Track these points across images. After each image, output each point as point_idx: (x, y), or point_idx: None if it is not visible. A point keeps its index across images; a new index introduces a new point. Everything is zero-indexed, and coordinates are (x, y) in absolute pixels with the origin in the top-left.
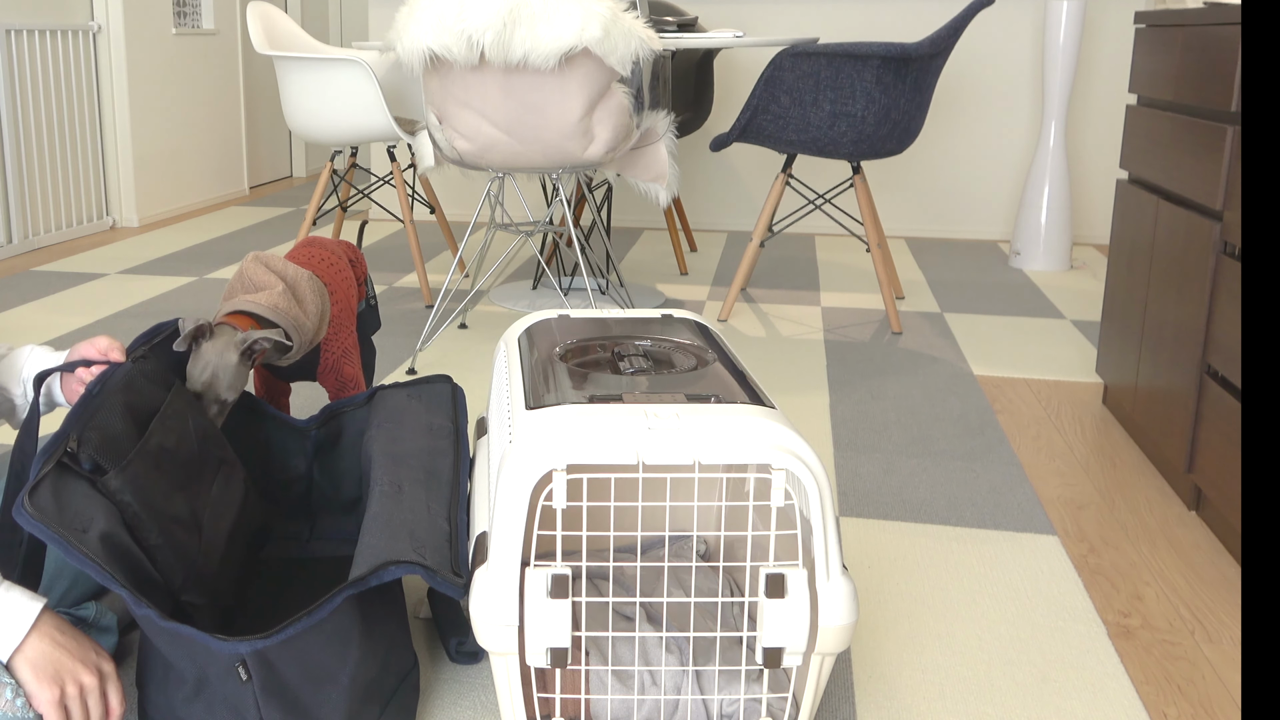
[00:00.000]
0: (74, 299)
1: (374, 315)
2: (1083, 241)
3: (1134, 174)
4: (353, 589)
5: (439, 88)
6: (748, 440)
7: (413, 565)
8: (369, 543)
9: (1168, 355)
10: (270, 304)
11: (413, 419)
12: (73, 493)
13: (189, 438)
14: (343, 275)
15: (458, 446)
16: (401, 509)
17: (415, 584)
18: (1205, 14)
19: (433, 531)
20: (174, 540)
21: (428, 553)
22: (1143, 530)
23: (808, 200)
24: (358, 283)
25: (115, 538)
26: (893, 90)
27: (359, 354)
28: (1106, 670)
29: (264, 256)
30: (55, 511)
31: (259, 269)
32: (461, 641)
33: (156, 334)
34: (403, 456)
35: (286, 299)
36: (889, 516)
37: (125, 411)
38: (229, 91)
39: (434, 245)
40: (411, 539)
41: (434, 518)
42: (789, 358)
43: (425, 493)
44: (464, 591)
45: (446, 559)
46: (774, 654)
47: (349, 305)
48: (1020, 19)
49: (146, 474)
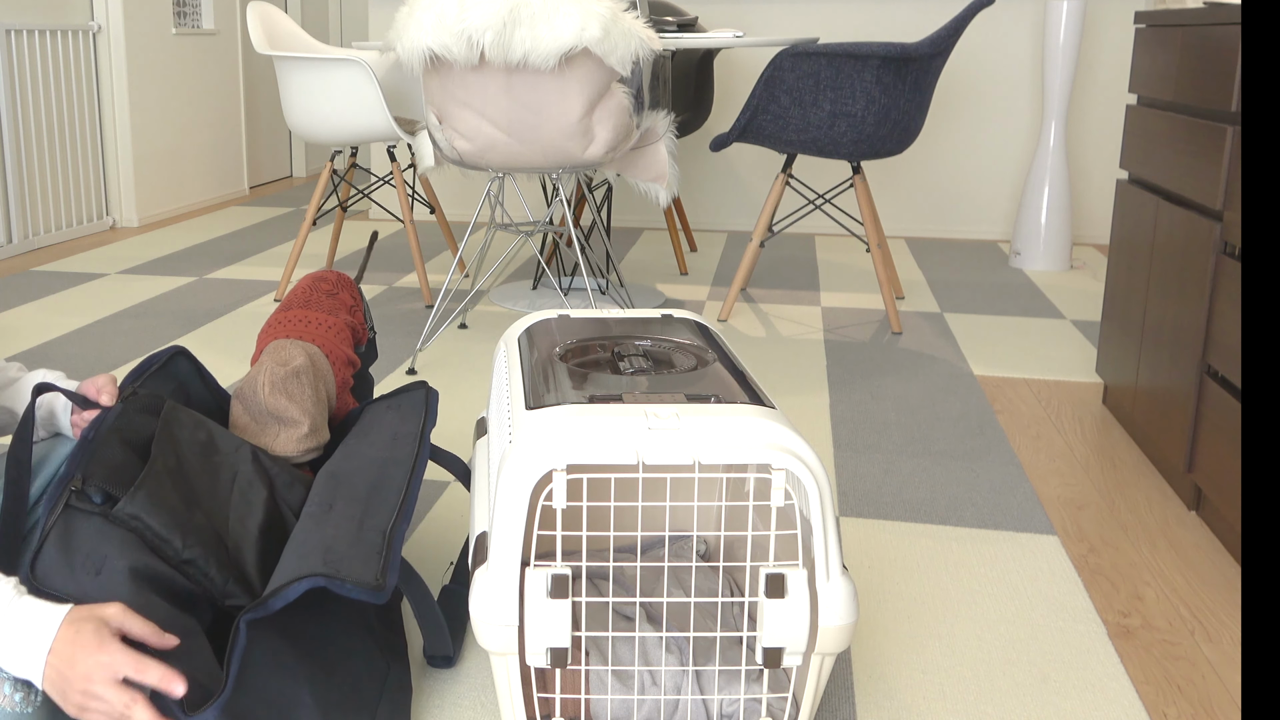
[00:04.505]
0: (74, 299)
1: (373, 349)
2: (1083, 241)
3: (1134, 174)
4: (253, 614)
5: (439, 88)
6: (748, 440)
7: (316, 578)
8: (281, 567)
9: (1168, 355)
10: (303, 449)
11: (380, 430)
12: (82, 535)
13: (188, 454)
14: (340, 336)
15: (416, 454)
16: (324, 527)
17: None
18: (1205, 14)
19: (358, 544)
20: (202, 552)
21: (344, 565)
22: (1143, 530)
23: (808, 200)
24: (359, 325)
25: (140, 565)
26: (893, 90)
27: (349, 389)
28: (1106, 670)
29: (284, 356)
30: (63, 566)
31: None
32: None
33: (148, 368)
34: (346, 474)
35: (313, 439)
36: (889, 516)
37: (123, 445)
38: (229, 91)
39: (434, 245)
40: (326, 554)
41: (365, 531)
42: (789, 358)
43: (362, 507)
44: (382, 597)
45: (373, 571)
46: (774, 654)
47: (345, 361)
48: (1020, 19)
49: (158, 494)
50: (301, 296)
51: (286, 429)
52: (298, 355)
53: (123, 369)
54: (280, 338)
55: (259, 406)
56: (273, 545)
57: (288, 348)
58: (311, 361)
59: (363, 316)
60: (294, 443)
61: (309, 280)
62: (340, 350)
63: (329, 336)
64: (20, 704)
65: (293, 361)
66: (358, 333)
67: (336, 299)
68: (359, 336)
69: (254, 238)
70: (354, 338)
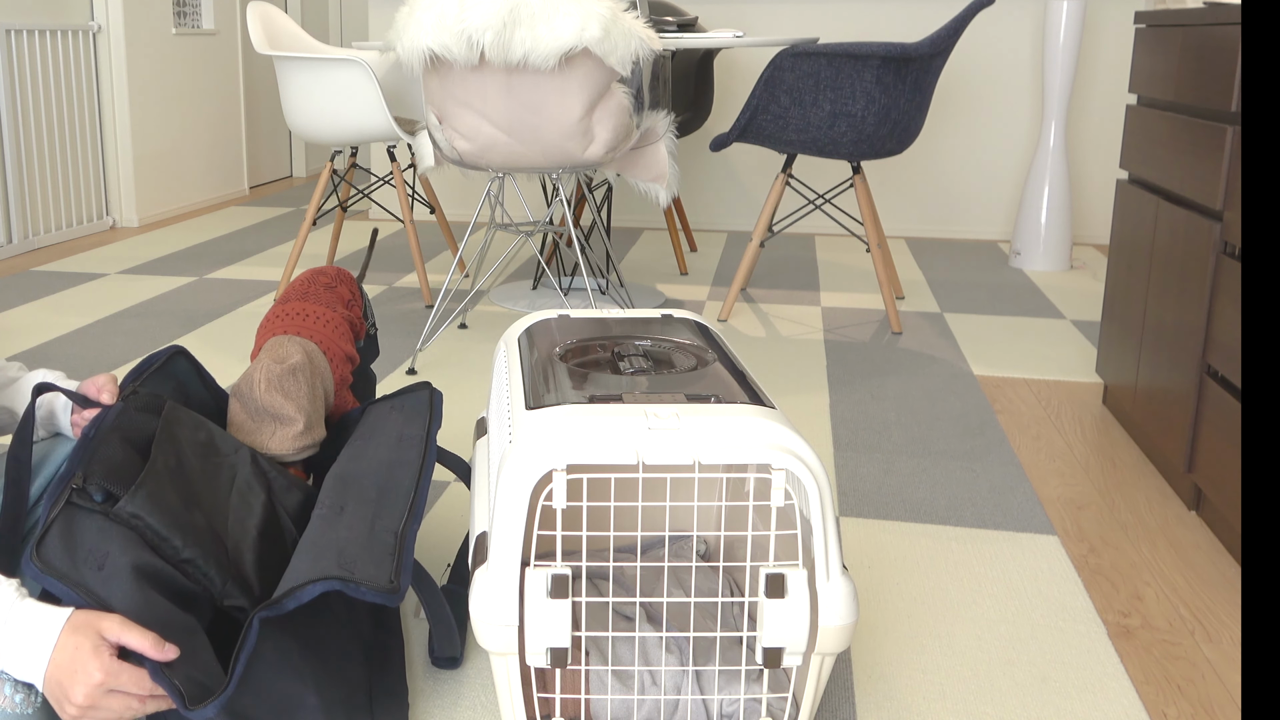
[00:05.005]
0: (74, 299)
1: (374, 345)
2: (1083, 241)
3: (1134, 174)
4: (267, 612)
5: (439, 88)
6: (748, 440)
7: (331, 580)
8: (294, 567)
9: (1168, 355)
10: (298, 447)
11: (385, 432)
12: (84, 530)
13: (188, 454)
14: (338, 332)
15: (423, 456)
16: (336, 529)
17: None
18: (1205, 14)
19: (371, 546)
20: (202, 551)
21: (358, 567)
22: (1143, 530)
23: (808, 200)
24: (354, 322)
25: (142, 562)
26: (893, 90)
27: (348, 387)
28: (1106, 670)
29: (281, 353)
30: (65, 556)
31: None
32: (434, 647)
33: (147, 367)
34: (355, 476)
35: (308, 437)
36: (889, 516)
37: (124, 444)
38: (229, 91)
39: (434, 245)
40: (339, 556)
41: (377, 533)
42: (789, 358)
43: (373, 509)
44: (396, 599)
45: (386, 572)
46: (774, 654)
47: (344, 357)
48: (1020, 19)
49: (158, 493)
50: (300, 289)
51: (282, 427)
52: (295, 352)
53: (123, 369)
54: (279, 333)
55: (255, 404)
56: (270, 548)
57: (285, 344)
58: (309, 358)
59: (361, 312)
60: (289, 440)
61: (308, 274)
62: (338, 346)
63: (327, 332)
64: (21, 705)
65: (290, 359)
66: (356, 328)
67: (335, 293)
68: (357, 331)
69: (254, 238)
70: (352, 332)
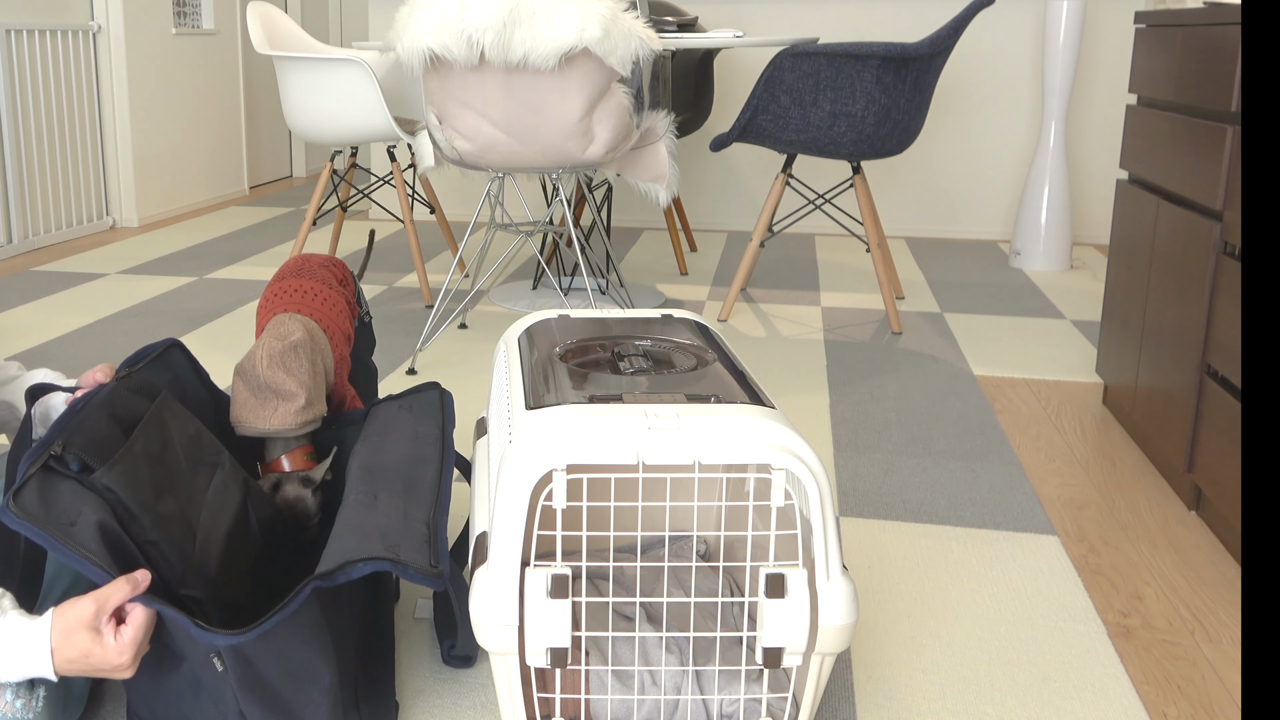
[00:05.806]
0: (74, 299)
1: (368, 333)
2: (1083, 241)
3: (1134, 174)
4: (319, 582)
5: (439, 88)
6: (748, 440)
7: (381, 560)
8: (338, 544)
9: (1167, 355)
10: (300, 422)
11: (399, 429)
12: (59, 491)
13: (174, 444)
14: (336, 309)
15: (442, 452)
16: (375, 514)
17: (410, 588)
18: (1205, 14)
19: (408, 534)
20: (167, 536)
21: (401, 551)
22: (1143, 530)
23: (808, 200)
24: (348, 302)
25: (109, 527)
26: (893, 90)
27: (348, 369)
28: (1106, 670)
29: (283, 331)
30: (41, 509)
31: (281, 361)
32: (453, 645)
33: (143, 356)
34: (380, 469)
35: (309, 412)
36: (889, 516)
37: (110, 420)
38: (229, 91)
39: (434, 245)
40: (384, 539)
41: (411, 522)
42: (789, 358)
43: (403, 501)
44: (443, 583)
45: (425, 558)
46: (774, 654)
47: (343, 336)
48: (1020, 19)
49: (134, 473)
50: (295, 267)
51: (285, 403)
52: (296, 330)
53: None
54: (280, 312)
55: (258, 380)
56: (236, 548)
57: (287, 322)
58: (310, 336)
59: (354, 295)
60: (291, 415)
61: (300, 255)
62: (338, 325)
63: (326, 309)
64: (21, 710)
65: (291, 336)
66: (350, 308)
67: (329, 271)
68: (352, 313)
69: (254, 238)
70: (350, 312)
